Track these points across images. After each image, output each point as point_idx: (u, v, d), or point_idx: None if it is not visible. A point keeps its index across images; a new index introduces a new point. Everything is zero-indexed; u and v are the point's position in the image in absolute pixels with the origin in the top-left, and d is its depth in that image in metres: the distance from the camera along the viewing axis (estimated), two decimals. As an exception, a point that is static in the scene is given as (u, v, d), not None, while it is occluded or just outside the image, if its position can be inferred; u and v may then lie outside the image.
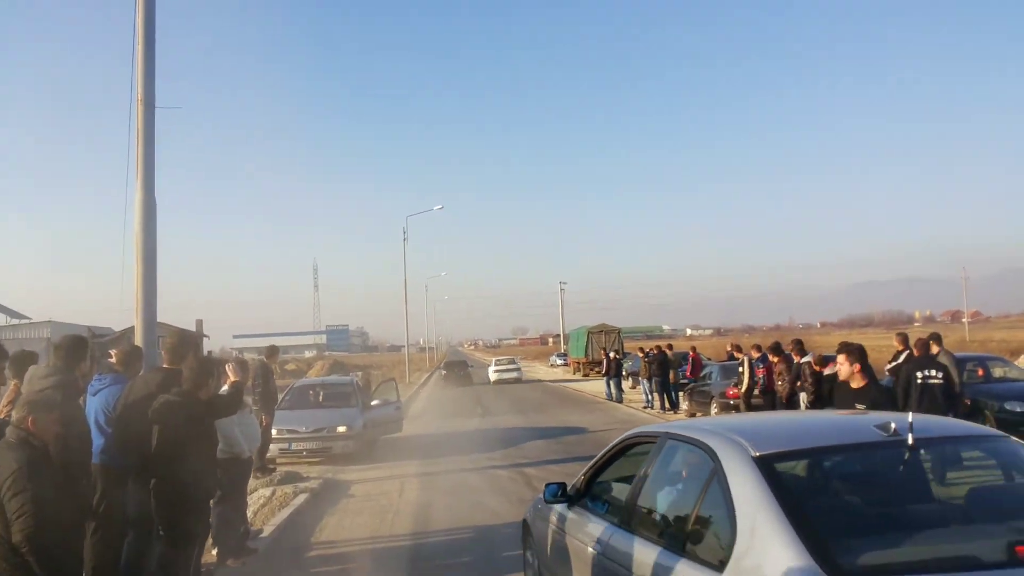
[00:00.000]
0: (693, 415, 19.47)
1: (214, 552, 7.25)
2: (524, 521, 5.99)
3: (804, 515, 2.93)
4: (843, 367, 5.98)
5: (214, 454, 5.75)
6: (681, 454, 3.91)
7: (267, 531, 8.55)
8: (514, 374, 42.59)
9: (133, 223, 7.00)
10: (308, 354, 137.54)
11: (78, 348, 5.60)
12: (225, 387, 5.82)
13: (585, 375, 44.69)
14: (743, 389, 14.82)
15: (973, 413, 12.81)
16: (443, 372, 45.85)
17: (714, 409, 17.60)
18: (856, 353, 6.03)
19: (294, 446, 13.62)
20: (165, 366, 5.86)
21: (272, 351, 13.44)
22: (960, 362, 11.75)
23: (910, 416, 3.36)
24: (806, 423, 4.45)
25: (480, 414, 23.32)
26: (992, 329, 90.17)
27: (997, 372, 14.63)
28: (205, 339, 62.40)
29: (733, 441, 3.42)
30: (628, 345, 49.64)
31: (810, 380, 12.06)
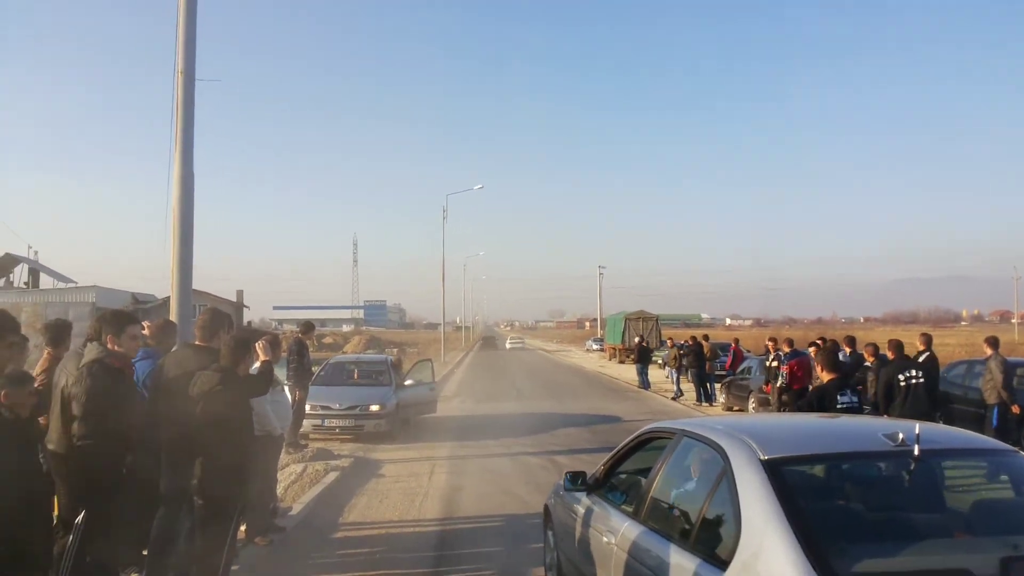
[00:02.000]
0: (730, 409, 19.24)
1: (243, 529, 7.26)
2: (545, 506, 6.13)
3: (805, 520, 3.01)
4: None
5: (252, 431, 5.70)
6: (695, 452, 3.99)
7: (296, 509, 8.56)
8: (520, 344, 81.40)
9: (171, 195, 6.94)
10: (346, 328, 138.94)
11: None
12: (256, 365, 5.78)
13: (621, 361, 44.44)
14: (777, 385, 14.51)
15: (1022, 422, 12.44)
16: (481, 342, 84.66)
17: (752, 404, 17.33)
18: (820, 352, 6.98)
19: (327, 423, 13.67)
20: (197, 343, 5.81)
21: (308, 327, 13.42)
22: (1011, 367, 11.36)
23: (917, 427, 3.35)
24: (818, 428, 4.56)
25: (515, 397, 23.27)
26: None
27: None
28: (245, 310, 63.60)
29: (743, 443, 3.50)
30: (666, 333, 49.26)
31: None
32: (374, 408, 13.83)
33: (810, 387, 12.25)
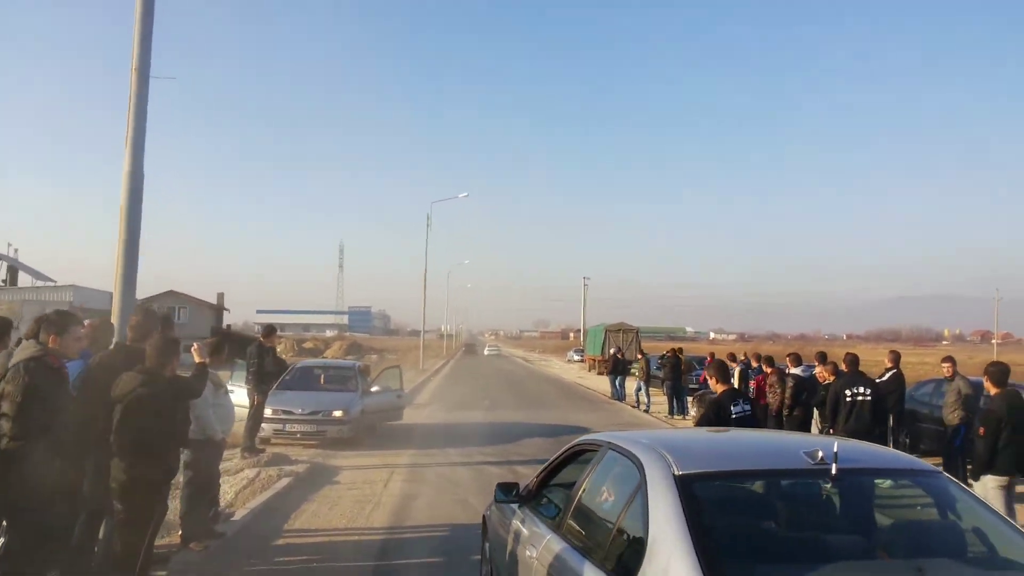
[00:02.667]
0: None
1: (178, 534, 7.09)
2: (484, 517, 5.98)
3: (712, 539, 2.94)
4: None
5: (178, 434, 5.51)
6: (617, 465, 3.85)
7: (240, 515, 8.37)
8: (496, 351, 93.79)
9: (120, 192, 6.78)
10: (329, 333, 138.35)
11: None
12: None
13: (600, 373, 44.28)
14: None
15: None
16: (464, 349, 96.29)
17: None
18: (711, 366, 7.72)
19: (288, 427, 13.47)
20: (127, 343, 5.66)
21: (269, 330, 13.24)
22: (977, 387, 11.31)
23: (836, 445, 3.25)
24: (740, 444, 4.40)
25: (486, 407, 23.07)
26: (1022, 352, 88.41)
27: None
28: (225, 312, 63.19)
29: (661, 457, 3.39)
30: (649, 346, 49.23)
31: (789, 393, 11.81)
32: (337, 414, 13.64)
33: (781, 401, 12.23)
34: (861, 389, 10.05)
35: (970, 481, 7.46)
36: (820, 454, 3.25)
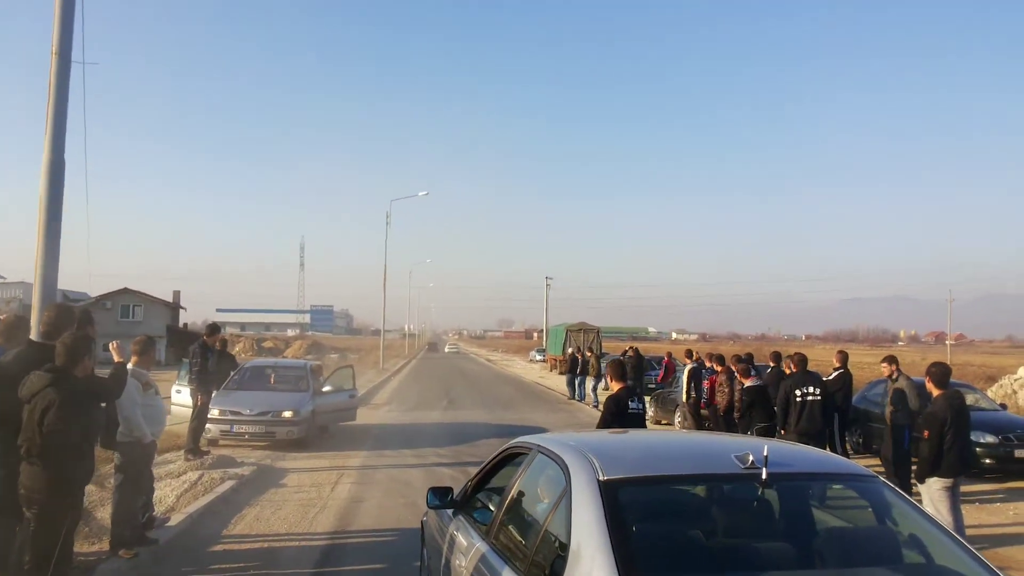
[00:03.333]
0: (659, 422, 19.13)
1: (107, 540, 6.76)
2: (422, 522, 5.81)
3: (633, 547, 2.83)
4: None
5: (91, 436, 5.21)
6: (546, 469, 3.67)
7: (177, 520, 8.03)
8: (456, 349, 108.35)
9: (40, 182, 6.44)
10: (291, 332, 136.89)
11: None
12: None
13: (561, 373, 44.21)
14: (685, 399, 14.55)
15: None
16: (427, 347, 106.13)
17: (678, 417, 17.22)
18: (609, 365, 8.18)
19: (236, 428, 13.11)
20: (40, 340, 5.34)
21: (213, 329, 12.85)
22: (920, 387, 11.29)
23: (766, 448, 3.11)
24: (669, 447, 4.22)
25: (444, 407, 22.83)
26: (974, 353, 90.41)
27: (968, 400, 14.22)
28: (182, 310, 62.03)
29: (587, 461, 3.24)
30: (612, 346, 49.30)
31: (736, 393, 11.69)
32: (287, 414, 13.32)
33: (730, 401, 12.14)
34: (811, 389, 10.08)
35: (914, 483, 7.40)
36: (751, 458, 3.11)
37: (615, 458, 3.40)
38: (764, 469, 3.03)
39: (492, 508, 4.24)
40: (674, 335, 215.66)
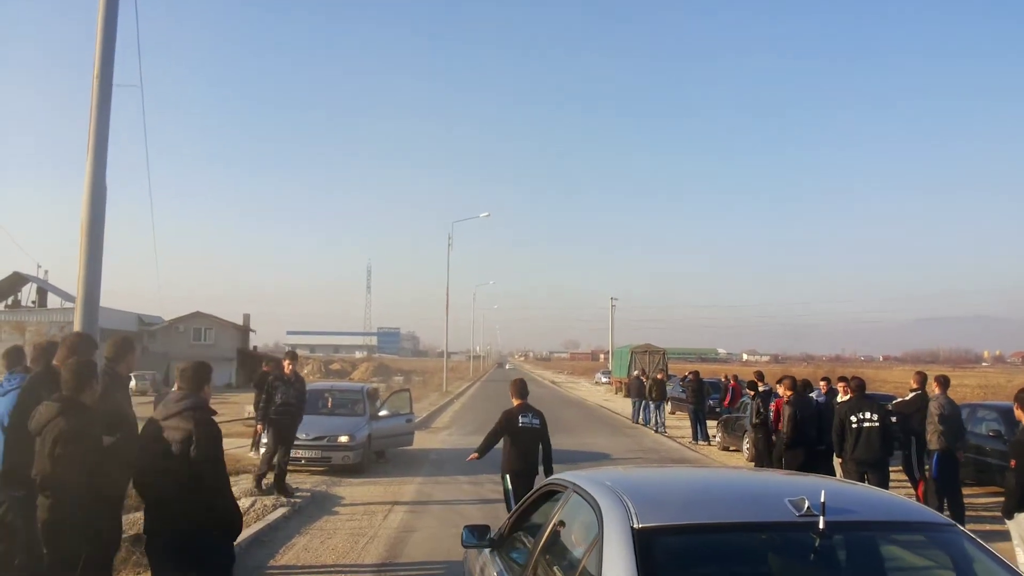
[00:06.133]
0: (726, 448, 18.48)
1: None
2: (464, 558, 5.51)
3: None
4: None
5: (111, 468, 4.95)
6: (580, 511, 3.34)
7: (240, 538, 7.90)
8: (512, 367, 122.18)
9: (81, 205, 6.42)
10: (359, 355, 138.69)
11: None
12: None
13: (626, 396, 43.51)
14: (752, 426, 13.82)
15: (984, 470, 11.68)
16: (496, 367, 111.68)
17: (746, 443, 16.57)
18: (512, 384, 8.75)
19: (292, 454, 13.03)
20: (56, 365, 5.22)
21: (291, 356, 12.46)
22: (956, 410, 10.36)
23: (824, 492, 2.71)
24: (716, 488, 3.74)
25: (505, 430, 22.52)
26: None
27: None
28: (252, 333, 63.34)
29: (622, 505, 2.93)
30: (681, 367, 48.38)
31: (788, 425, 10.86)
32: (343, 439, 13.20)
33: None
34: (867, 415, 9.53)
35: (1004, 520, 6.77)
36: (806, 504, 2.74)
37: (653, 501, 3.08)
38: (822, 517, 2.65)
39: (524, 548, 3.97)
40: (745, 356, 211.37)
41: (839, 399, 10.62)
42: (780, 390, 11.06)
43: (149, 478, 4.70)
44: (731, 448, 18.18)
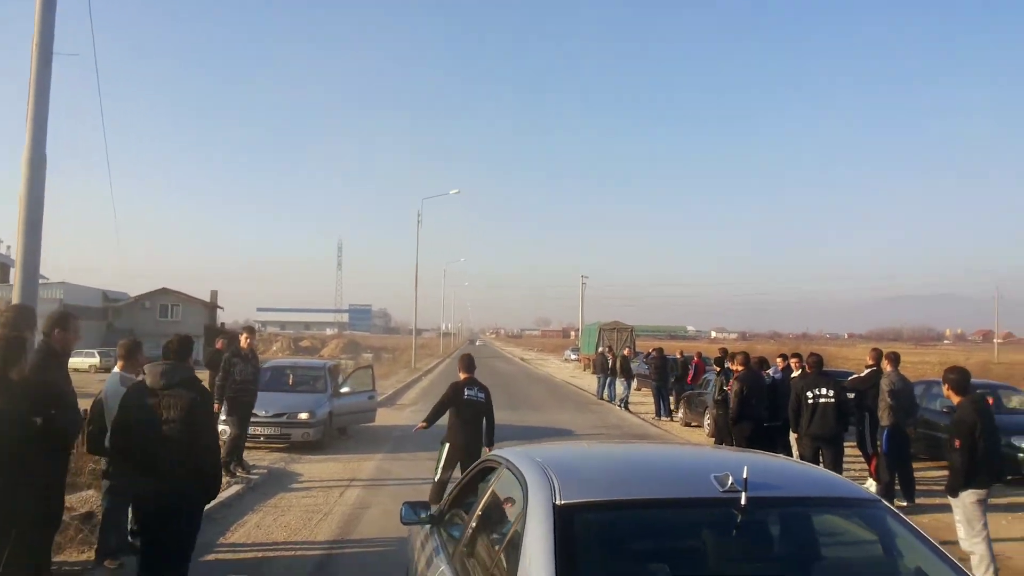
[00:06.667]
0: (688, 424, 18.65)
1: (95, 548, 6.55)
2: (408, 535, 5.43)
3: None
4: None
5: (43, 447, 4.82)
6: (510, 485, 3.29)
7: (174, 527, 7.80)
8: (482, 343, 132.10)
9: (20, 179, 6.23)
10: (329, 332, 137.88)
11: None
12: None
13: (594, 372, 43.74)
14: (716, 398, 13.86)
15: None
16: (468, 343, 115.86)
17: (707, 420, 16.73)
18: (460, 361, 9.09)
19: (251, 430, 12.88)
20: None
21: (251, 330, 12.24)
22: (908, 386, 10.46)
23: (747, 468, 2.67)
24: (641, 463, 3.70)
25: (470, 407, 22.51)
26: (1023, 352, 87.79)
27: (1012, 402, 13.55)
28: (219, 310, 62.67)
29: (547, 481, 2.89)
30: (650, 344, 48.66)
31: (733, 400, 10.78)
32: (302, 416, 13.13)
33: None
34: (823, 391, 9.70)
35: (948, 496, 6.88)
36: (730, 480, 2.71)
37: (578, 478, 3.04)
38: (744, 493, 2.62)
39: (458, 524, 3.95)
40: (713, 334, 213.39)
41: (793, 375, 10.74)
42: (733, 366, 11.13)
43: (142, 443, 4.84)
44: (693, 424, 18.35)
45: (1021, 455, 11.14)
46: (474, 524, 3.52)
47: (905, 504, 9.69)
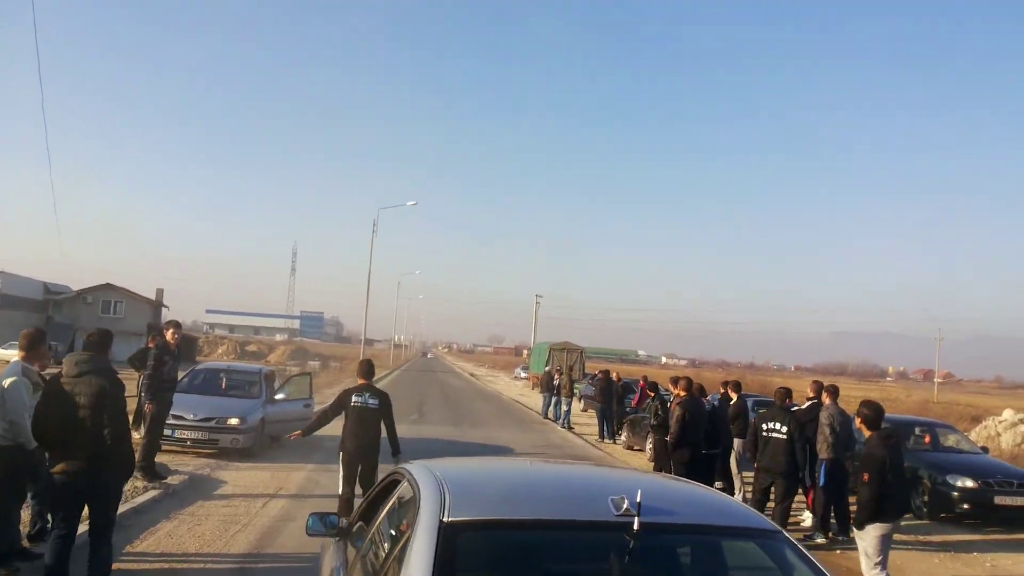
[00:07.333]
0: (631, 448, 18.52)
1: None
2: (321, 547, 5.19)
3: None
4: None
5: None
6: (409, 500, 3.15)
7: (79, 531, 7.32)
8: (430, 356, 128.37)
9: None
10: (279, 337, 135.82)
11: None
12: None
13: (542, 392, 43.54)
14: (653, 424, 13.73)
15: (912, 483, 11.79)
16: (421, 355, 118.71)
17: (649, 444, 16.60)
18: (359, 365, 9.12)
19: (177, 434, 12.40)
20: None
21: (176, 325, 11.70)
22: (846, 420, 10.47)
23: (639, 495, 2.58)
24: (540, 482, 3.60)
25: (412, 421, 22.06)
26: (961, 392, 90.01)
27: (949, 441, 13.61)
28: (164, 309, 61.18)
29: (439, 497, 2.79)
30: (597, 366, 48.64)
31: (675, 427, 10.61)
32: (232, 422, 12.65)
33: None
34: (776, 425, 9.59)
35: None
36: (625, 503, 2.61)
37: (472, 495, 2.96)
38: (636, 518, 2.52)
39: (361, 537, 3.77)
40: (664, 359, 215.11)
41: (729, 401, 10.64)
42: (675, 391, 11.01)
43: (59, 429, 5.30)
44: (635, 448, 18.21)
45: (955, 493, 11.14)
46: (373, 538, 3.38)
47: (841, 538, 9.62)
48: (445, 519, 2.63)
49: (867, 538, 6.67)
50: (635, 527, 2.51)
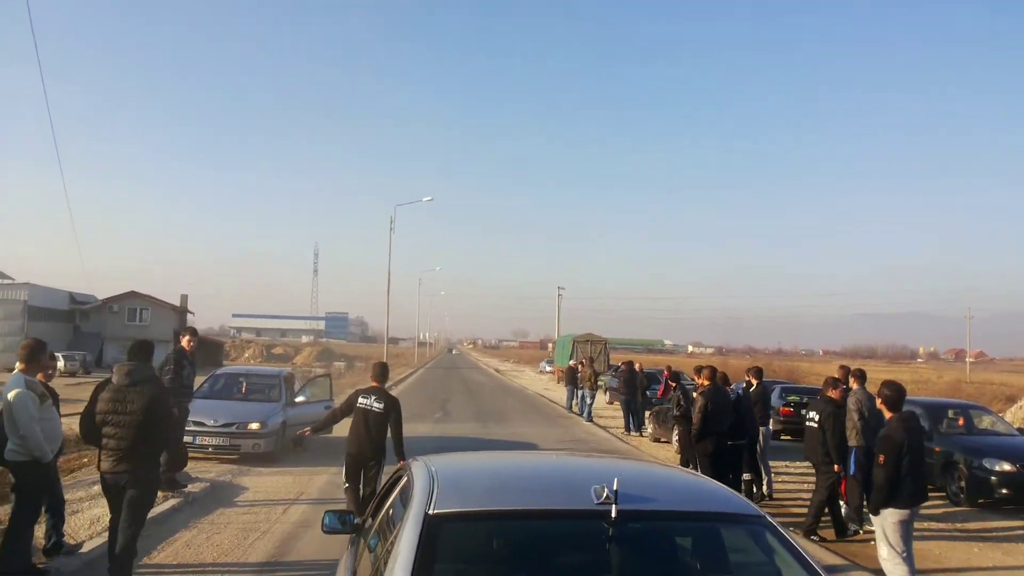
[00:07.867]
0: (657, 440, 18.28)
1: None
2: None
3: None
4: None
5: None
6: (406, 494, 3.20)
7: (93, 545, 7.26)
8: (455, 353, 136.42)
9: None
10: (305, 339, 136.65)
11: None
12: None
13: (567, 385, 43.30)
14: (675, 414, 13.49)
15: (947, 468, 11.48)
16: (447, 352, 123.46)
17: (675, 435, 16.36)
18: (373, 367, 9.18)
19: (199, 440, 12.36)
20: None
21: (192, 332, 11.66)
22: (874, 404, 10.14)
23: (616, 482, 2.62)
24: (526, 474, 3.58)
25: (436, 419, 21.99)
26: (994, 371, 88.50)
27: (984, 423, 13.21)
28: (189, 315, 61.64)
29: (430, 489, 2.88)
30: (622, 358, 48.37)
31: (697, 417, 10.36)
32: (253, 426, 12.59)
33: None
34: (811, 415, 9.36)
35: (868, 514, 6.63)
36: (605, 491, 2.65)
37: (458, 487, 3.03)
38: (614, 506, 2.58)
39: (372, 533, 3.76)
40: (690, 348, 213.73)
41: (751, 389, 10.42)
42: (698, 380, 10.77)
43: (118, 430, 5.75)
44: (662, 440, 17.97)
45: (993, 478, 10.81)
46: (377, 532, 3.48)
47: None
48: (430, 511, 2.70)
49: (885, 524, 6.43)
50: (612, 515, 2.55)
